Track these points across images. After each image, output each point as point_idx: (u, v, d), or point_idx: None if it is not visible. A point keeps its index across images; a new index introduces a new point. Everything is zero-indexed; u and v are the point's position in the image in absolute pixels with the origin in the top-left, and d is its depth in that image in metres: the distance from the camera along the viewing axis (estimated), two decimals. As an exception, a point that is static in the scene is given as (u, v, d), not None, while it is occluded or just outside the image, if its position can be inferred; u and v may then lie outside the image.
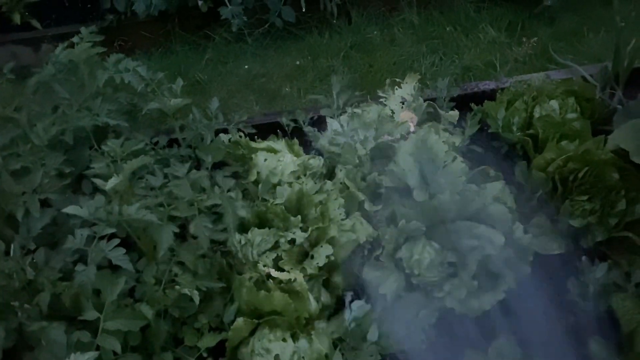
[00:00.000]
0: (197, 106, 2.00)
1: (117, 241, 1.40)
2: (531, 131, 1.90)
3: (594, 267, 1.56)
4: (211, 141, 1.87)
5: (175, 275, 1.45)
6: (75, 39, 1.92)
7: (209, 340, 1.44)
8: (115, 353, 1.33)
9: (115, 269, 1.46)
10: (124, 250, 1.40)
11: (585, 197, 1.67)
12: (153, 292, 1.43)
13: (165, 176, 1.62)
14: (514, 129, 1.94)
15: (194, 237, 1.55)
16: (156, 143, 1.90)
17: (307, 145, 2.15)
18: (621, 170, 1.68)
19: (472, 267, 1.59)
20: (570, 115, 1.87)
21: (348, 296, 1.76)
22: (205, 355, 1.46)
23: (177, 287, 1.42)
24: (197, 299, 1.40)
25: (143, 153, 1.62)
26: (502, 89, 2.11)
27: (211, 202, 1.49)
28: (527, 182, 1.81)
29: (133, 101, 1.96)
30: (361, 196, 1.83)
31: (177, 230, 1.42)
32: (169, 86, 1.91)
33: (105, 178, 1.50)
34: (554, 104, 1.90)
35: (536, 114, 1.92)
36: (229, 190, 1.75)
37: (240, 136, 2.01)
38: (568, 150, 1.72)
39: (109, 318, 1.34)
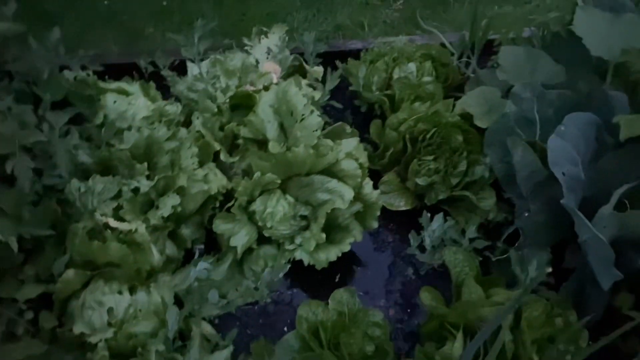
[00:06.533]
0: (43, 40, 1.76)
1: None
2: (389, 92, 1.94)
3: (433, 223, 1.63)
4: (49, 77, 1.67)
5: (-10, 220, 1.27)
6: None
7: (29, 291, 1.30)
8: None
9: None
10: None
11: (431, 157, 1.75)
12: (-41, 239, 1.26)
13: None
14: (374, 88, 1.97)
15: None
16: (-18, 74, 1.65)
17: (166, 92, 2.03)
18: (465, 133, 1.77)
19: (322, 220, 1.61)
20: (426, 79, 1.93)
21: (197, 250, 1.71)
22: (24, 308, 1.31)
23: (-10, 233, 1.25)
24: (15, 246, 1.26)
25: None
26: (368, 49, 2.12)
27: (34, 139, 1.32)
28: (381, 140, 1.85)
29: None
30: (217, 146, 1.76)
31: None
32: (-1, 9, 1.67)
33: None
34: (412, 66, 1.95)
35: (395, 75, 1.95)
36: (67, 133, 1.60)
37: (88, 74, 1.83)
38: (419, 111, 1.78)
39: None
